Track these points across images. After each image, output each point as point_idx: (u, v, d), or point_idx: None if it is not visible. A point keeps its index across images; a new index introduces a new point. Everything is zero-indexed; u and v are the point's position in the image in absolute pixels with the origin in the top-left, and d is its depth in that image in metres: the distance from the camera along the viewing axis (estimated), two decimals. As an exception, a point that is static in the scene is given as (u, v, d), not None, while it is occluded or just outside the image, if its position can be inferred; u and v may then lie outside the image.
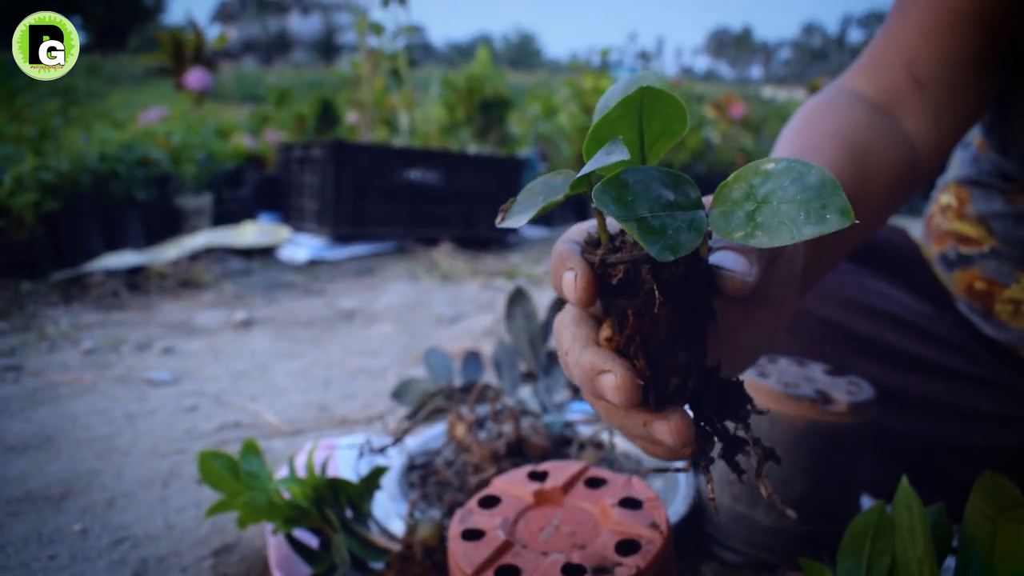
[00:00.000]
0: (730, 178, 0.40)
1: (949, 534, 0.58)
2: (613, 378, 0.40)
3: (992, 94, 0.82)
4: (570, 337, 0.43)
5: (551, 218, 4.98)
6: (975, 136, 1.01)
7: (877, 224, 0.78)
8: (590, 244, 0.41)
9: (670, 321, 0.39)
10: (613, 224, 0.42)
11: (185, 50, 6.78)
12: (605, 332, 0.41)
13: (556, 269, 0.41)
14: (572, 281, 0.40)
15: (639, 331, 0.39)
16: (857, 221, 0.35)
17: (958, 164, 1.05)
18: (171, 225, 3.57)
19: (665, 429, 0.40)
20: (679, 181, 0.38)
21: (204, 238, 3.21)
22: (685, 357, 0.40)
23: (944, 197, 1.06)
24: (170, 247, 3.07)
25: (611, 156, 0.36)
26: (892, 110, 0.78)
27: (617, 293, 0.39)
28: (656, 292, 0.38)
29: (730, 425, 0.43)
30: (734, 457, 0.43)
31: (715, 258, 0.41)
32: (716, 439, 0.43)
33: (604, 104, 0.41)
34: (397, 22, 4.58)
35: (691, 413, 0.42)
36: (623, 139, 0.38)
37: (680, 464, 0.44)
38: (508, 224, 0.40)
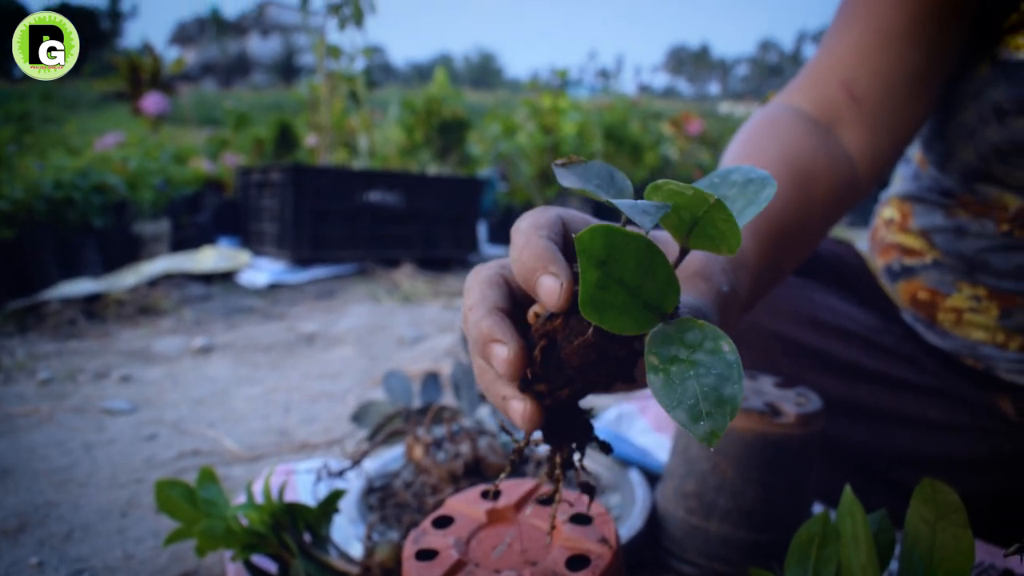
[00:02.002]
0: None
1: (892, 540, 0.59)
2: (505, 351, 0.41)
3: (930, 110, 0.85)
4: (478, 296, 0.44)
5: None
6: (916, 152, 1.03)
7: (819, 240, 0.80)
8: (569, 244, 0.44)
9: (593, 340, 0.40)
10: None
11: (142, 74, 6.75)
12: (538, 308, 0.42)
13: (532, 266, 0.40)
14: (556, 289, 0.39)
15: (563, 329, 0.41)
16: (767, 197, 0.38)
17: (900, 179, 1.07)
18: (129, 252, 3.54)
19: (519, 409, 0.42)
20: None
21: (163, 264, 3.18)
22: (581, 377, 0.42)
23: (887, 211, 1.08)
24: (128, 274, 3.04)
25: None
26: (831, 125, 0.80)
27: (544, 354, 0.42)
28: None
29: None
30: (563, 469, 0.47)
31: None
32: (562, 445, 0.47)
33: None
34: (355, 44, 4.61)
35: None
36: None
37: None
38: (563, 176, 0.42)
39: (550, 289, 0.39)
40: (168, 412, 1.62)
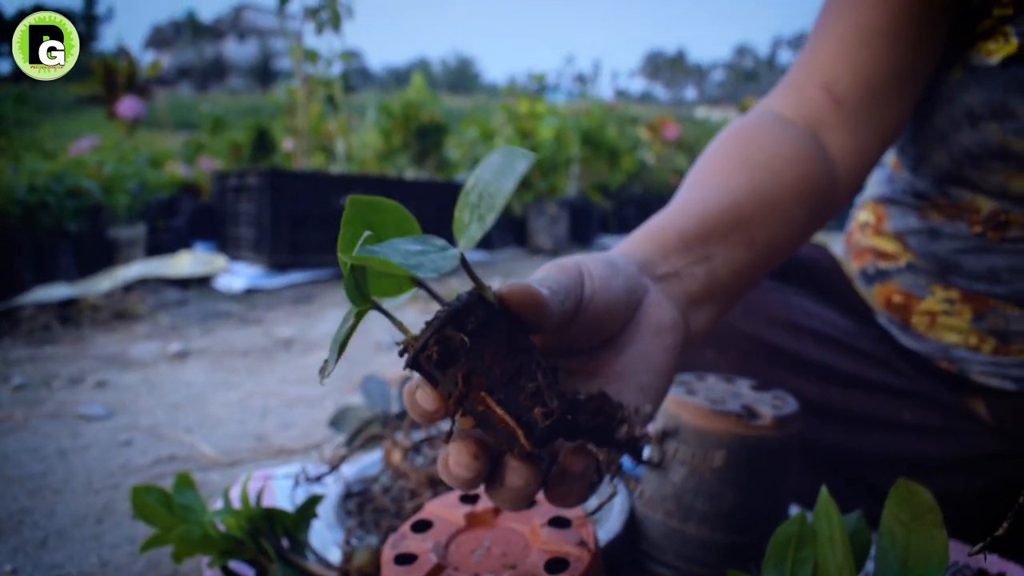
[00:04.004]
0: (457, 209, 0.41)
1: (868, 540, 0.60)
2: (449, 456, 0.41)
3: (910, 111, 0.85)
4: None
5: (491, 242, 5.01)
6: (889, 156, 1.04)
7: (801, 232, 0.77)
8: (403, 353, 0.42)
9: (499, 363, 0.40)
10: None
11: (117, 78, 6.71)
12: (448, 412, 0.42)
13: (409, 409, 0.42)
14: (417, 405, 0.41)
15: (478, 387, 0.40)
16: (535, 157, 0.38)
17: (875, 183, 1.08)
18: (104, 256, 3.51)
19: (448, 462, 0.42)
20: (424, 239, 0.40)
21: (138, 269, 3.16)
22: (533, 386, 0.40)
23: (862, 215, 1.09)
24: (103, 279, 3.02)
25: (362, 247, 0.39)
26: (813, 128, 0.80)
27: (442, 368, 0.40)
28: (466, 341, 0.39)
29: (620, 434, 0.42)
30: (636, 459, 0.43)
31: (504, 295, 0.41)
32: (601, 461, 0.43)
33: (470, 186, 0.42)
34: (332, 49, 4.59)
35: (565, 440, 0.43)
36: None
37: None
38: (329, 372, 0.41)
39: (415, 413, 0.41)
40: (144, 418, 1.60)
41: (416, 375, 0.41)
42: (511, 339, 0.41)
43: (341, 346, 0.41)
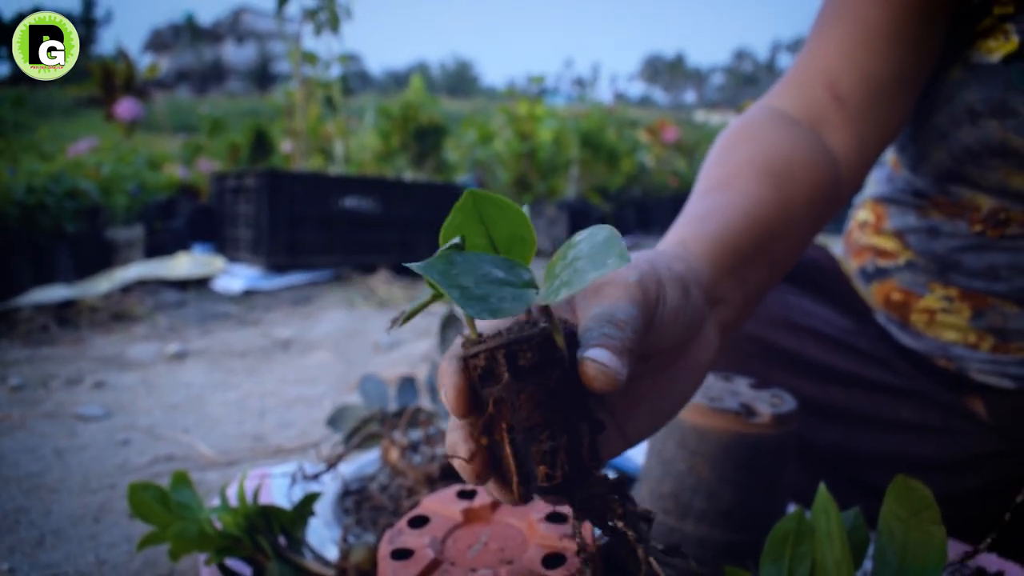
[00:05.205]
0: (554, 257, 0.41)
1: (866, 538, 0.60)
2: (462, 462, 0.41)
3: (910, 111, 0.85)
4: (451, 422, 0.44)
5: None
6: (889, 155, 1.04)
7: (810, 238, 0.78)
8: (463, 345, 0.42)
9: (530, 408, 0.39)
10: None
11: (115, 80, 6.70)
12: (469, 429, 0.42)
13: (439, 386, 0.42)
14: (445, 394, 0.40)
15: (501, 418, 0.40)
16: (629, 260, 0.37)
17: (874, 182, 1.08)
18: (102, 258, 3.50)
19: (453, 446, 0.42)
20: (513, 265, 0.40)
21: (136, 270, 3.16)
22: (550, 446, 0.40)
23: (862, 214, 1.09)
24: (101, 280, 3.02)
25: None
26: (817, 128, 0.80)
27: (482, 383, 0.40)
28: (508, 376, 0.39)
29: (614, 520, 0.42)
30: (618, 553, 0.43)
31: (588, 352, 0.40)
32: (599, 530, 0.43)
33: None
34: (331, 51, 4.59)
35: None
36: (473, 243, 0.42)
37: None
38: (392, 327, 0.42)
39: (443, 398, 0.41)
40: (142, 418, 1.60)
41: (451, 375, 0.41)
42: (560, 390, 0.40)
43: (413, 312, 0.41)
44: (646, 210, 7.26)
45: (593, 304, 0.45)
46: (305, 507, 0.81)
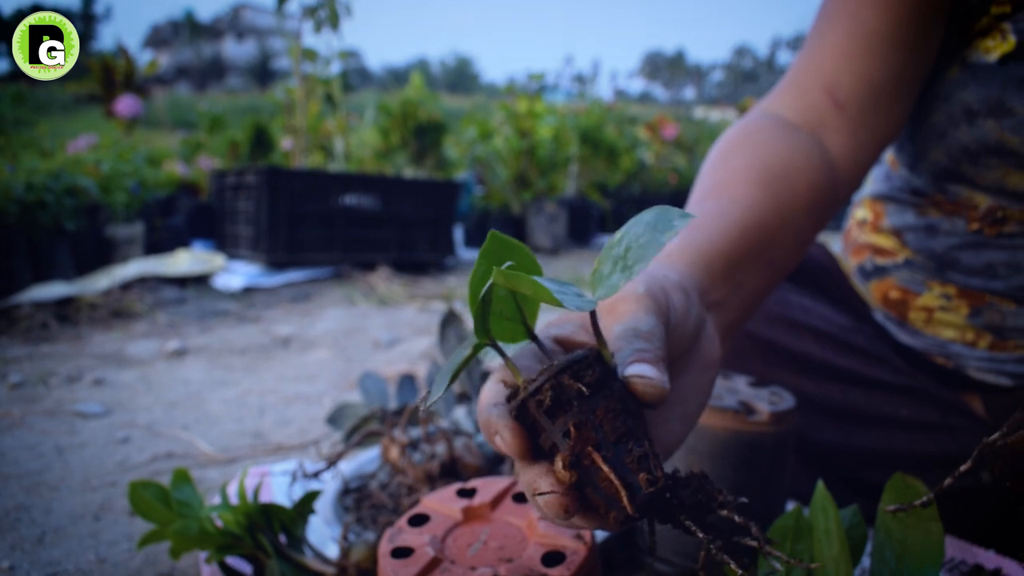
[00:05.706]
0: (595, 263, 0.42)
1: (864, 535, 0.60)
2: (549, 498, 0.40)
3: (908, 113, 0.85)
4: (518, 466, 0.43)
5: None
6: (887, 153, 1.04)
7: (809, 240, 0.79)
8: (511, 396, 0.42)
9: (611, 421, 0.40)
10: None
11: (115, 76, 6.69)
12: (558, 465, 0.40)
13: (489, 438, 0.42)
14: (504, 441, 0.41)
15: (586, 441, 0.40)
16: (695, 216, 0.39)
17: (872, 181, 1.08)
18: (102, 255, 3.51)
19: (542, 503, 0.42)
20: (558, 282, 0.41)
21: (136, 267, 3.16)
22: (641, 451, 0.40)
23: (860, 212, 1.09)
24: (101, 277, 3.02)
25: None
26: (816, 132, 0.80)
27: (552, 415, 0.40)
28: (584, 390, 0.39)
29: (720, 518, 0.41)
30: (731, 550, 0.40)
31: (630, 370, 0.42)
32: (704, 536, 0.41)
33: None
34: (331, 48, 4.59)
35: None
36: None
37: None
38: (433, 400, 0.41)
39: (500, 445, 0.41)
40: (141, 415, 1.60)
41: (504, 419, 0.41)
42: (623, 401, 0.41)
43: (453, 376, 0.42)
44: (646, 207, 7.23)
45: (611, 323, 0.47)
46: (305, 505, 0.81)
